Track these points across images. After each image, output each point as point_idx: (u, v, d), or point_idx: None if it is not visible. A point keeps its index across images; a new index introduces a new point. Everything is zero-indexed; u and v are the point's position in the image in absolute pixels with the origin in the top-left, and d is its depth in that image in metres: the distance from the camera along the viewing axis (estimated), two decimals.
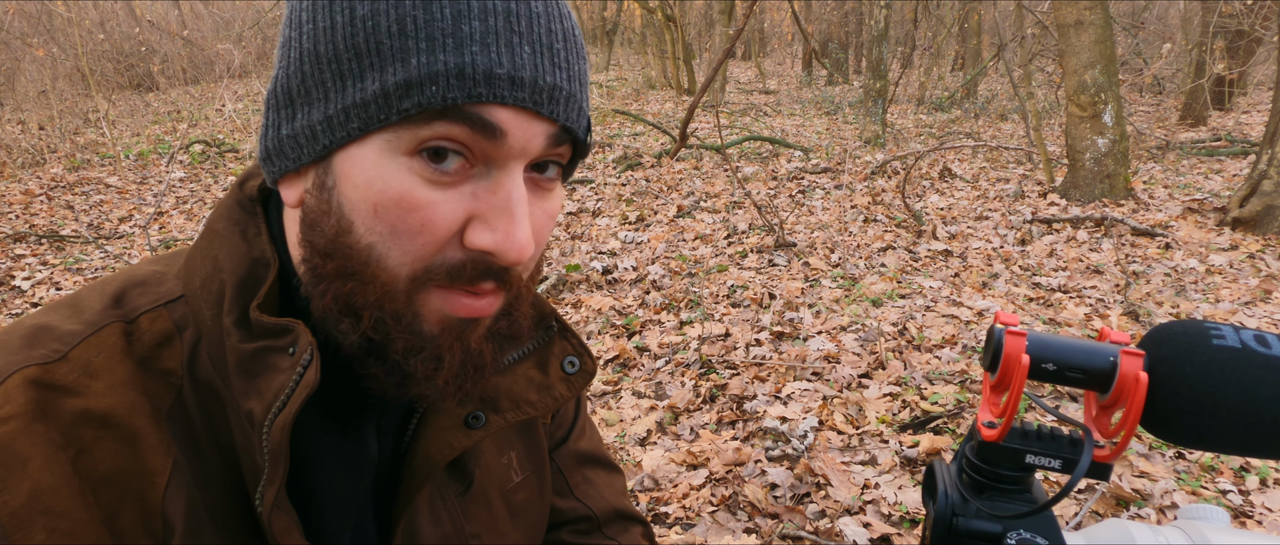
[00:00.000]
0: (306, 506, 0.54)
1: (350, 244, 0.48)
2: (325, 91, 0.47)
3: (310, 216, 0.49)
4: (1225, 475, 2.29)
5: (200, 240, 0.56)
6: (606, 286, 4.24)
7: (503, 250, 0.47)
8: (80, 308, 0.53)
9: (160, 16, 17.34)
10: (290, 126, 0.49)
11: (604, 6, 22.47)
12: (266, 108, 0.51)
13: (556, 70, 0.48)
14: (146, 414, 0.50)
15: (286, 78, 0.49)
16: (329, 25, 0.46)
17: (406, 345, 0.49)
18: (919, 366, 3.01)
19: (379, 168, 0.46)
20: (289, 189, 0.51)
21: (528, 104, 0.46)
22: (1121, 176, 5.32)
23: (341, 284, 0.48)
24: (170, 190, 6.94)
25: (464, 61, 0.44)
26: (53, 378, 0.48)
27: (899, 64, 13.89)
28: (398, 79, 0.44)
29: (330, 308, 0.49)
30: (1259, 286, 3.71)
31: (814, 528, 2.17)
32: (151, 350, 0.52)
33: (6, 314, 4.16)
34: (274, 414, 0.48)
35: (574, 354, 0.64)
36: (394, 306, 0.48)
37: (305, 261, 0.51)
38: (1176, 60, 11.57)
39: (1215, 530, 0.43)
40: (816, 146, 8.30)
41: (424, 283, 0.48)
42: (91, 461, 0.47)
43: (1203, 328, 0.41)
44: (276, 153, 0.51)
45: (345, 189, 0.47)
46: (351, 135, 0.46)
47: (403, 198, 0.46)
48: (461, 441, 0.58)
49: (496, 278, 0.49)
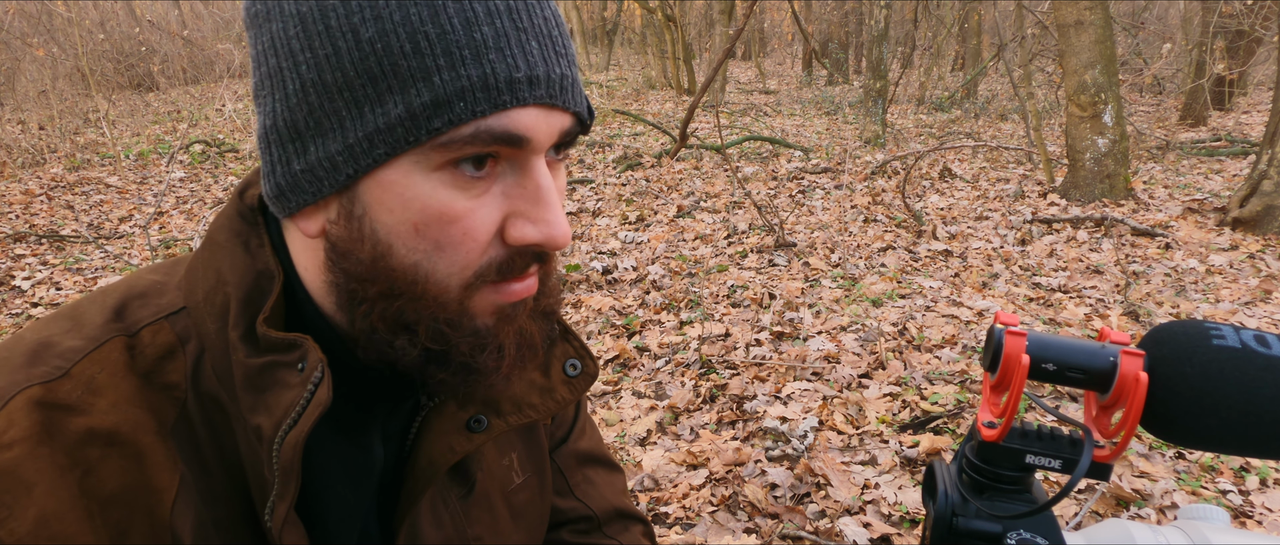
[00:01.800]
0: (312, 515, 0.54)
1: (393, 266, 0.48)
2: (340, 121, 0.45)
3: (341, 246, 0.49)
4: (1225, 475, 2.29)
5: (201, 251, 0.56)
6: (606, 286, 4.24)
7: (550, 240, 0.48)
8: (81, 322, 0.52)
9: (160, 16, 17.34)
10: (303, 160, 0.48)
11: (604, 6, 22.47)
12: (266, 145, 0.50)
13: (560, 59, 0.48)
14: (151, 430, 0.49)
15: (289, 111, 0.47)
16: (332, 52, 0.44)
17: (471, 345, 0.50)
18: (919, 366, 3.01)
19: (413, 188, 0.46)
20: (309, 221, 0.50)
21: (546, 99, 0.47)
22: (1121, 176, 5.32)
23: (388, 304, 0.48)
24: (170, 190, 6.93)
25: (486, 72, 0.44)
26: (56, 397, 0.47)
27: (899, 64, 13.89)
28: (424, 100, 0.44)
29: (380, 327, 0.49)
30: (1259, 286, 3.70)
31: (814, 528, 2.17)
32: (154, 364, 0.51)
33: (6, 314, 4.16)
34: (285, 431, 0.48)
35: (576, 356, 0.64)
36: (448, 314, 0.49)
37: (338, 286, 0.50)
38: (1176, 60, 11.57)
39: (1215, 530, 0.43)
40: (816, 146, 8.30)
41: (476, 287, 0.49)
42: (98, 481, 0.47)
43: (1203, 328, 0.41)
44: (291, 189, 0.49)
45: (378, 214, 0.47)
46: (378, 161, 0.45)
47: (443, 213, 0.46)
48: (464, 445, 0.58)
49: (540, 260, 0.52)
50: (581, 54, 20.86)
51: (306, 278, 0.53)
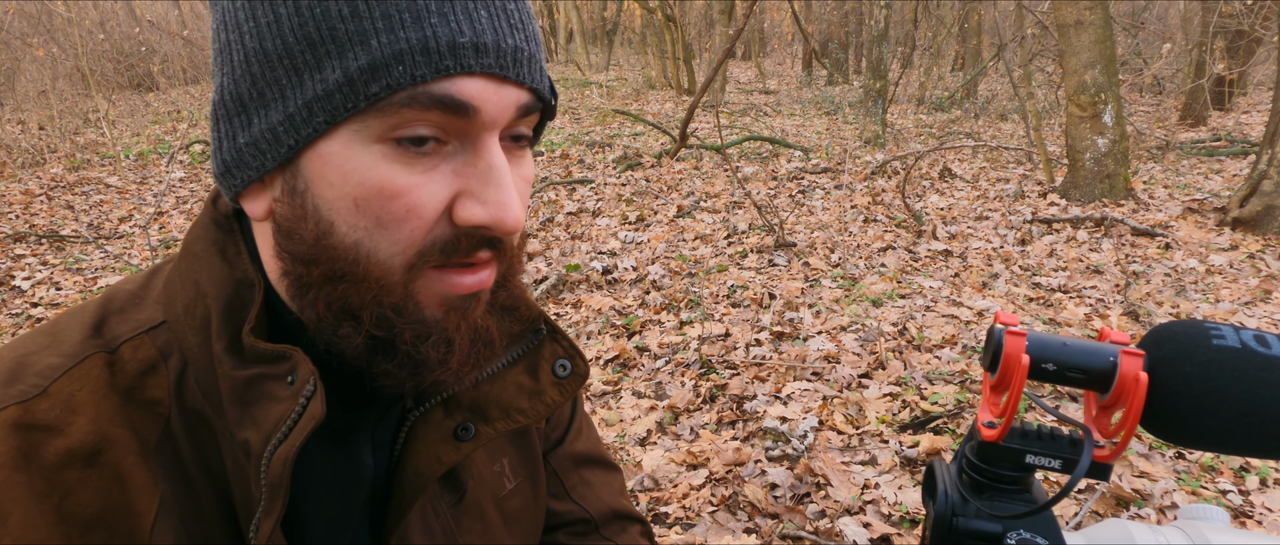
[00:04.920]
0: (300, 529, 0.53)
1: (334, 245, 0.46)
2: (281, 90, 0.44)
3: (285, 226, 0.47)
4: (1225, 475, 2.29)
5: (179, 262, 0.54)
6: (606, 286, 4.24)
7: (498, 221, 0.46)
8: (59, 338, 0.51)
9: (160, 16, 17.34)
10: (247, 133, 0.46)
11: (604, 6, 22.48)
12: (215, 120, 0.49)
13: (514, 31, 0.46)
14: (133, 450, 0.48)
15: (233, 84, 0.46)
16: (272, 20, 0.43)
17: (414, 334, 0.48)
18: (919, 366, 3.01)
19: (352, 160, 0.44)
20: (254, 202, 0.49)
21: (494, 69, 0.45)
22: (1121, 176, 5.32)
23: (333, 288, 0.47)
24: (170, 190, 6.94)
25: (426, 35, 0.43)
26: (33, 417, 0.46)
27: (899, 64, 13.89)
28: (361, 63, 0.42)
29: (325, 314, 0.47)
30: (1259, 286, 3.70)
31: (814, 528, 2.17)
32: (136, 380, 0.50)
33: (6, 314, 4.16)
34: (274, 445, 0.47)
35: (565, 356, 0.61)
36: (392, 299, 0.47)
37: (287, 273, 0.49)
38: (1176, 60, 11.57)
39: (1215, 530, 0.43)
40: (816, 146, 8.30)
41: (420, 268, 0.47)
42: (77, 504, 0.46)
43: (1203, 328, 0.41)
44: (236, 164, 0.48)
45: (319, 189, 0.45)
46: (317, 130, 0.44)
47: (383, 187, 0.44)
48: (451, 456, 0.56)
49: (491, 245, 0.49)
50: (581, 54, 20.86)
51: (271, 277, 0.52)
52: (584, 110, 11.84)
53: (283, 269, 0.49)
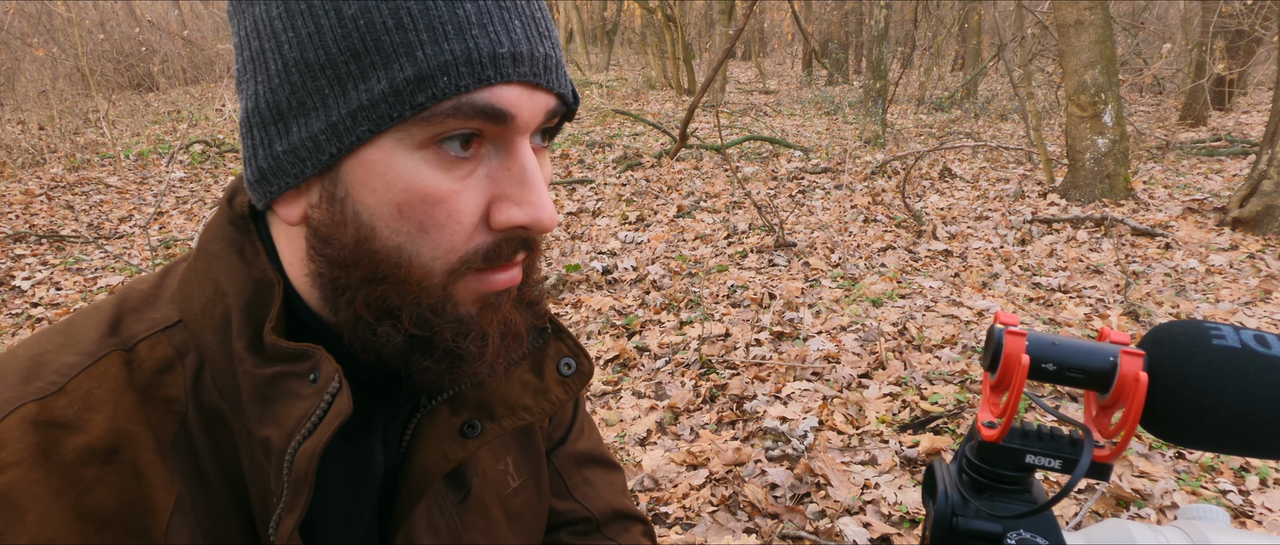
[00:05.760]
0: (314, 526, 0.54)
1: (376, 249, 0.47)
2: (323, 99, 0.45)
3: (323, 231, 0.48)
4: (1225, 475, 2.29)
5: (195, 262, 0.55)
6: (606, 286, 4.24)
7: (535, 221, 0.48)
8: (75, 337, 0.51)
9: (160, 16, 17.35)
10: (286, 141, 0.47)
11: (604, 6, 22.48)
12: (248, 128, 0.49)
13: (543, 40, 0.48)
14: (150, 447, 0.49)
15: (271, 93, 0.46)
16: (315, 30, 0.44)
17: (454, 332, 0.49)
18: (919, 366, 3.01)
19: (396, 167, 0.46)
20: (289, 207, 0.50)
21: (529, 78, 0.46)
22: (1121, 176, 5.32)
23: (371, 290, 0.48)
24: (170, 190, 6.94)
25: (469, 46, 0.44)
26: (51, 414, 0.46)
27: (899, 64, 13.89)
28: (407, 74, 0.43)
29: (363, 314, 0.49)
30: (1259, 286, 3.71)
31: (814, 528, 2.17)
32: (153, 378, 0.51)
33: (6, 314, 4.16)
34: (298, 442, 0.47)
35: (570, 355, 0.62)
36: (431, 300, 0.48)
37: (320, 276, 0.50)
38: (1176, 60, 11.57)
39: (1215, 530, 0.43)
40: (816, 146, 8.30)
41: (461, 274, 0.49)
42: (95, 501, 0.46)
43: (1203, 328, 0.41)
44: (273, 172, 0.48)
45: (361, 195, 0.46)
46: (361, 139, 0.45)
47: (427, 193, 0.46)
48: (457, 453, 0.56)
49: (527, 247, 0.51)
50: (581, 54, 20.86)
51: (294, 277, 0.52)
52: (584, 110, 11.84)
53: (315, 271, 0.50)
